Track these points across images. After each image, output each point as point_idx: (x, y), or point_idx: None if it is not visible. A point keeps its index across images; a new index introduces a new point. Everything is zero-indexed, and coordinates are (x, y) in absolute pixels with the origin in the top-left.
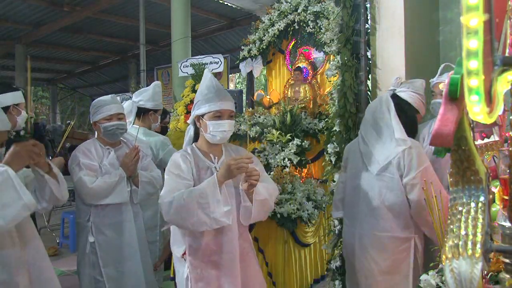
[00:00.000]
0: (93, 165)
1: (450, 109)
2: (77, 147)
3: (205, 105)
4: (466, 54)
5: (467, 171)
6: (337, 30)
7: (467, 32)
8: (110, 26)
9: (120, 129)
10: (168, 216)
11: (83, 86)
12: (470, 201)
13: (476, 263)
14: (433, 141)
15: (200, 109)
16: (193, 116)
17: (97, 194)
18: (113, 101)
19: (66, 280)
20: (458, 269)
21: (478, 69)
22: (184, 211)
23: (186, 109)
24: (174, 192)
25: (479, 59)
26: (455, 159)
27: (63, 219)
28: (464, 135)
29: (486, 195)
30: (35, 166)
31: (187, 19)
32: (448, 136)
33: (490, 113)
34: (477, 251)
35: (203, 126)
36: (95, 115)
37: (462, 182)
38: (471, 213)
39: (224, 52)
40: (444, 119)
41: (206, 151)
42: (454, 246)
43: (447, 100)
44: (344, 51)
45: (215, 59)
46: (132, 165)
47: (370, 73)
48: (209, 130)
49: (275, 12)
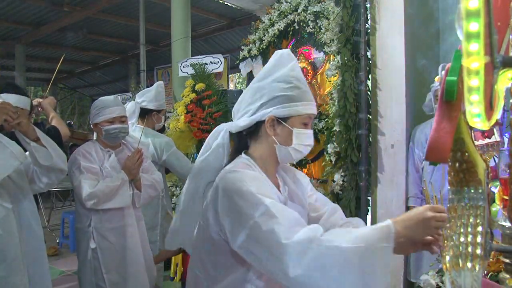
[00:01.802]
0: (94, 168)
1: (446, 115)
2: (76, 149)
3: (295, 104)
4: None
5: (466, 173)
6: (337, 30)
7: (468, 36)
8: (110, 26)
9: (122, 133)
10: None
11: (83, 86)
12: (469, 205)
13: (477, 276)
14: (429, 155)
15: (283, 108)
16: (261, 116)
17: (99, 199)
18: (116, 103)
19: (66, 280)
20: (459, 282)
21: (479, 69)
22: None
23: (186, 109)
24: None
25: (480, 60)
26: (453, 161)
27: (63, 219)
28: (462, 137)
29: (485, 197)
30: (21, 132)
31: (187, 19)
32: (444, 150)
33: (489, 119)
34: (477, 266)
35: (282, 134)
36: (97, 116)
37: (461, 183)
38: (471, 220)
39: (224, 52)
40: (441, 128)
41: (267, 173)
42: (454, 257)
43: (443, 104)
44: (344, 51)
45: (215, 59)
46: (134, 169)
47: (370, 73)
48: (294, 141)
49: (275, 12)
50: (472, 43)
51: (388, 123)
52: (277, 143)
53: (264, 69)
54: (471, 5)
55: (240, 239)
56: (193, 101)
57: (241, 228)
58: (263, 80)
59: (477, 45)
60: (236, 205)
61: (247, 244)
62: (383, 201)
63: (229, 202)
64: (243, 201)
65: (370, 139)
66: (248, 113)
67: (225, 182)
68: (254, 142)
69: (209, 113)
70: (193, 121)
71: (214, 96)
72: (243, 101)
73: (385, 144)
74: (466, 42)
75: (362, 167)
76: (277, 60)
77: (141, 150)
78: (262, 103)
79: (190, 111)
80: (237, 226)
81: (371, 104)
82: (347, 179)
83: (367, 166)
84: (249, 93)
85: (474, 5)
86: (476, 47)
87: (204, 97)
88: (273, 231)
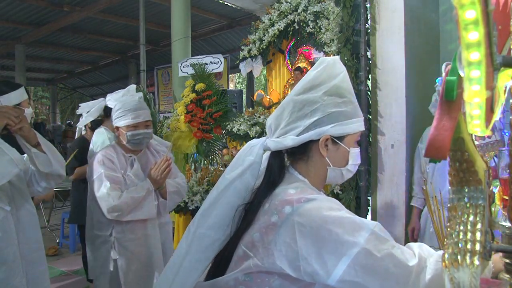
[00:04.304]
0: (117, 177)
1: (447, 113)
2: (96, 155)
3: (351, 121)
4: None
5: (466, 172)
6: (337, 30)
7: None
8: (110, 26)
9: (146, 138)
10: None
11: (83, 86)
12: (469, 204)
13: (476, 273)
14: (428, 151)
15: (340, 126)
16: (317, 135)
17: (123, 211)
18: (141, 106)
19: (66, 280)
20: (457, 279)
21: (480, 77)
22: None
23: (186, 109)
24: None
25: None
26: (454, 160)
27: (63, 219)
28: (462, 137)
29: (486, 196)
30: (22, 137)
31: (187, 19)
32: (444, 147)
33: (489, 123)
34: (475, 262)
35: (336, 155)
36: (120, 119)
37: (461, 183)
38: (470, 218)
39: (224, 52)
40: (440, 126)
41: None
42: (453, 254)
43: (443, 103)
44: (344, 51)
45: (215, 59)
46: (161, 178)
47: (370, 73)
48: (350, 162)
49: (275, 12)
50: (472, 52)
51: (388, 123)
52: (330, 164)
53: (308, 79)
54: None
55: (339, 271)
56: (193, 101)
57: (340, 258)
58: (309, 92)
59: (477, 73)
60: (330, 234)
61: (351, 276)
62: (383, 201)
63: (315, 233)
64: (340, 229)
65: (370, 139)
66: (295, 131)
67: (306, 213)
68: (305, 163)
69: (209, 113)
70: (193, 121)
71: (214, 96)
72: (284, 116)
73: (385, 144)
74: (466, 51)
75: (362, 167)
76: (326, 69)
77: (169, 159)
78: (315, 120)
79: (190, 111)
80: (332, 258)
81: (371, 104)
82: (347, 179)
83: (367, 166)
84: (291, 107)
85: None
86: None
87: (204, 97)
88: (391, 255)
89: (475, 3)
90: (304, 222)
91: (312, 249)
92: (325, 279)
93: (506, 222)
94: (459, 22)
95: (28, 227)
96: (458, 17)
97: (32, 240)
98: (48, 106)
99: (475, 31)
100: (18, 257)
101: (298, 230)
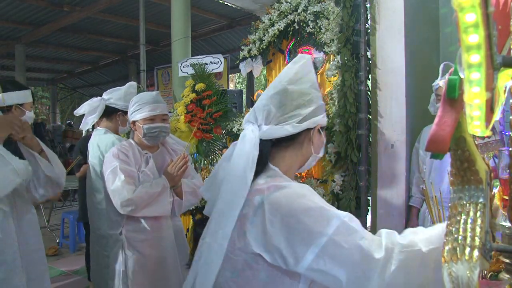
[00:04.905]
0: (132, 172)
1: (448, 111)
2: (111, 149)
3: (325, 113)
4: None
5: (467, 171)
6: (337, 30)
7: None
8: (110, 26)
9: (163, 132)
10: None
11: (83, 86)
12: (469, 202)
13: (474, 267)
14: (429, 146)
15: (324, 117)
16: (313, 124)
17: (137, 206)
18: (158, 100)
19: (66, 280)
20: (456, 273)
21: (480, 79)
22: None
23: (186, 109)
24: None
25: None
26: (455, 159)
27: (63, 219)
28: (463, 136)
29: (486, 195)
30: (25, 145)
31: (187, 19)
32: (444, 141)
33: (489, 123)
34: (474, 256)
35: (318, 143)
36: (136, 113)
37: (462, 182)
38: (470, 215)
39: (224, 52)
40: (442, 122)
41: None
42: (452, 249)
43: (445, 101)
44: (344, 51)
45: (215, 59)
46: (177, 176)
47: (370, 73)
48: (322, 150)
49: (275, 12)
50: (472, 54)
51: (388, 123)
52: (312, 152)
53: (294, 72)
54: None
55: (307, 260)
56: (193, 101)
57: (308, 247)
58: (299, 84)
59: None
60: (299, 223)
61: (319, 265)
62: (383, 201)
63: (284, 221)
64: (310, 218)
65: (370, 139)
66: (296, 118)
67: (275, 201)
68: (284, 150)
69: (209, 113)
70: (193, 121)
71: (214, 96)
72: (287, 104)
73: (385, 144)
74: (466, 53)
75: (362, 167)
76: (306, 65)
77: (186, 157)
78: (313, 109)
79: (190, 111)
80: (301, 246)
81: (371, 104)
82: (347, 179)
83: (367, 166)
84: (288, 95)
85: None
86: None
87: (204, 97)
88: (359, 247)
89: (475, 6)
90: (274, 210)
91: (281, 237)
92: (294, 267)
93: (506, 222)
94: (459, 25)
95: (28, 227)
96: (458, 20)
97: (32, 240)
98: (48, 106)
99: (475, 34)
100: (18, 257)
101: (268, 219)
